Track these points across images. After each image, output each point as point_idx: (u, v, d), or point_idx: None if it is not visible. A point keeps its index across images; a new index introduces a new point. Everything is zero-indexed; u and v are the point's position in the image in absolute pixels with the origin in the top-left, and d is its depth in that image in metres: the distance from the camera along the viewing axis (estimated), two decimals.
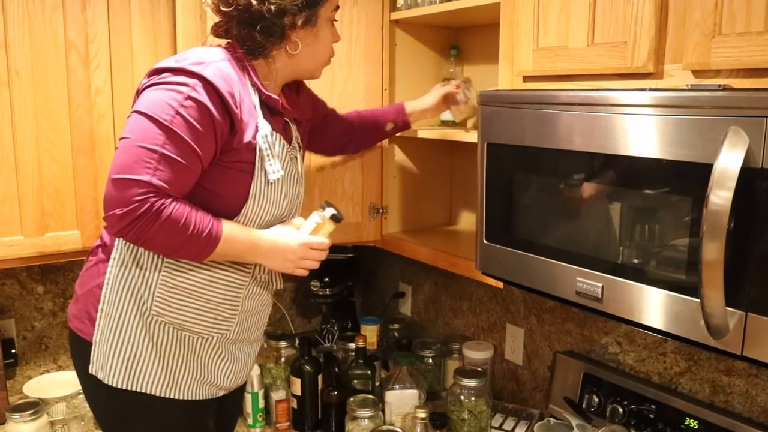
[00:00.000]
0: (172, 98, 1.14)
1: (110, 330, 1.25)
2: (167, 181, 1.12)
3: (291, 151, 1.37)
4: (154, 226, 1.12)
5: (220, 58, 1.22)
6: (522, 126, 1.29)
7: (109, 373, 1.25)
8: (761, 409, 1.37)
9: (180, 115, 1.13)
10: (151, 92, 1.16)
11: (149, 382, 1.26)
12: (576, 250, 1.22)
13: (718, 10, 1.02)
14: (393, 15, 1.86)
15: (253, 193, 1.26)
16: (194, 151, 1.15)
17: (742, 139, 0.93)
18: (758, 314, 0.95)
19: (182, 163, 1.14)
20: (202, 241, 1.18)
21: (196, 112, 1.14)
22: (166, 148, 1.12)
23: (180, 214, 1.14)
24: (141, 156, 1.11)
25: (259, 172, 1.26)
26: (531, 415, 1.79)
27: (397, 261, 2.35)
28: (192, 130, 1.14)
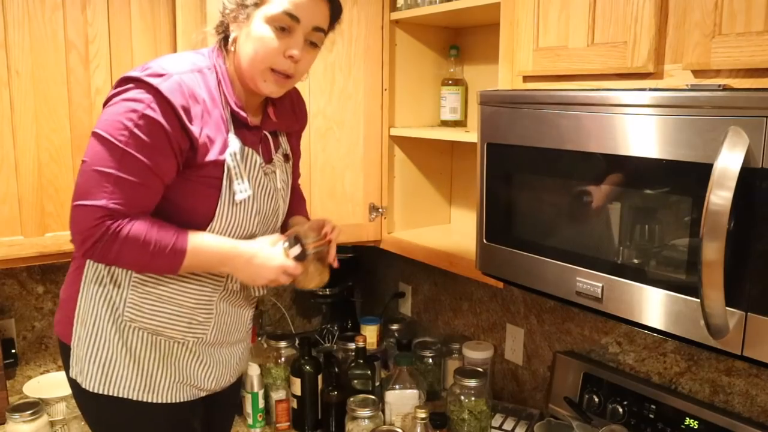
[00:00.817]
0: (126, 117, 1.12)
1: (86, 336, 1.25)
2: (123, 202, 1.13)
3: (268, 167, 1.33)
4: (115, 247, 1.14)
5: (188, 68, 1.19)
6: (522, 126, 1.29)
7: (87, 378, 1.25)
8: (761, 409, 1.37)
9: (133, 135, 1.12)
10: (109, 108, 1.15)
11: (125, 386, 1.25)
12: (576, 250, 1.22)
13: (718, 10, 1.02)
14: (393, 15, 1.86)
15: (219, 211, 1.24)
16: (150, 170, 1.14)
17: (742, 139, 0.93)
18: (758, 314, 0.95)
19: (138, 183, 1.14)
20: (166, 257, 1.17)
21: (150, 130, 1.13)
22: (121, 171, 1.12)
23: (138, 232, 1.14)
24: (96, 180, 1.12)
25: (226, 191, 1.23)
26: (531, 415, 1.79)
27: (397, 261, 2.35)
28: (146, 149, 1.13)
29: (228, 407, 1.55)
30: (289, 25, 1.20)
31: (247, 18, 1.21)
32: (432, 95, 2.02)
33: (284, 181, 1.40)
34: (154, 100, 1.13)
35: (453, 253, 1.74)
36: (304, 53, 1.24)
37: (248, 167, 1.27)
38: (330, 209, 1.90)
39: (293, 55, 1.21)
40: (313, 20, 1.23)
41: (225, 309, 1.34)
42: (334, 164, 1.89)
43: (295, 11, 1.20)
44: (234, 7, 1.23)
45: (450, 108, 1.96)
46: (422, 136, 1.87)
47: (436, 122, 2.03)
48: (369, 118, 1.89)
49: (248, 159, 1.27)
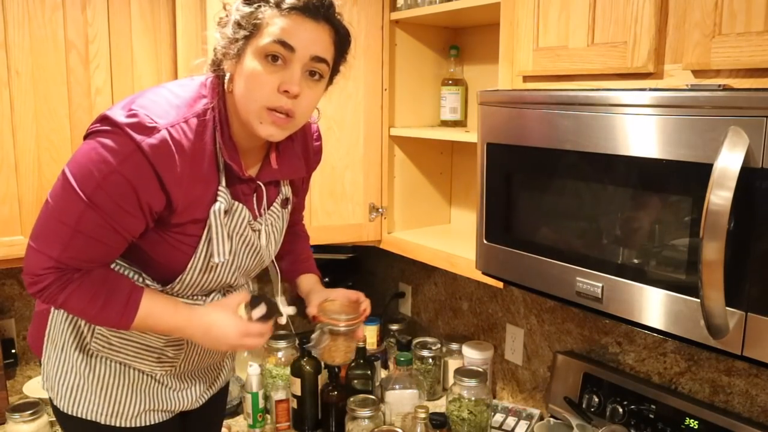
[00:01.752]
0: (96, 167, 1.00)
1: (55, 357, 1.23)
2: (77, 257, 1.05)
3: (256, 223, 1.22)
4: (60, 298, 1.07)
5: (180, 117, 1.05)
6: (522, 126, 1.28)
7: (57, 397, 1.23)
8: (761, 409, 1.37)
9: (101, 190, 1.01)
10: (85, 146, 1.03)
11: (94, 411, 1.22)
12: (576, 250, 1.22)
13: (718, 10, 1.02)
14: (393, 15, 1.86)
15: (192, 266, 1.15)
16: (111, 230, 1.04)
17: (742, 139, 0.93)
18: (758, 314, 0.95)
19: (95, 240, 1.04)
20: (114, 317, 1.09)
21: (118, 190, 1.01)
22: (80, 226, 1.02)
23: (87, 289, 1.07)
24: (54, 228, 1.04)
25: (202, 249, 1.14)
26: (531, 415, 1.79)
27: (397, 261, 2.35)
28: (110, 208, 1.02)
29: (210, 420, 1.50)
30: (283, 56, 1.05)
31: (238, 54, 1.07)
32: (432, 95, 2.02)
33: (278, 229, 1.29)
34: (131, 158, 1.00)
35: (453, 253, 1.74)
36: (304, 87, 1.08)
37: (234, 224, 1.17)
38: (330, 209, 1.90)
39: (289, 90, 1.05)
40: (311, 48, 1.06)
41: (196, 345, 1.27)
42: (334, 164, 1.89)
43: (288, 39, 1.04)
44: (225, 43, 1.09)
45: (450, 108, 1.96)
46: (422, 136, 1.87)
47: (436, 122, 2.03)
48: (369, 118, 1.89)
49: (235, 215, 1.17)
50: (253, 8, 1.06)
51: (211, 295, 1.24)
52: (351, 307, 1.30)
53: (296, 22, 1.05)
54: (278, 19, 1.04)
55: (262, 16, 1.05)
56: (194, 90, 1.11)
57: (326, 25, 1.08)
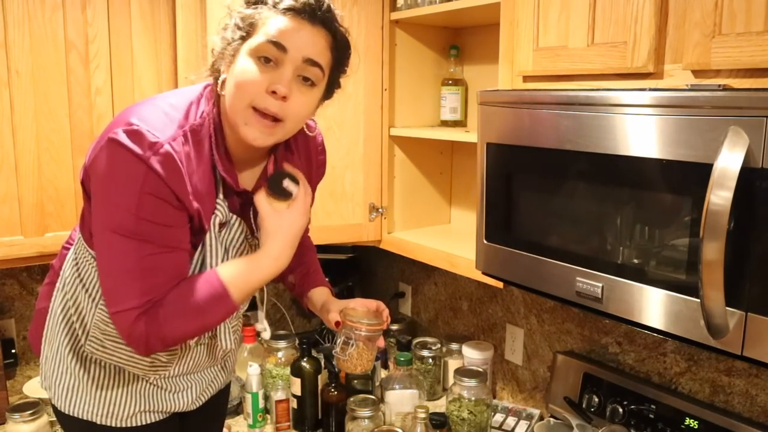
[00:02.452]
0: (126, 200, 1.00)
1: (51, 357, 1.24)
2: (153, 288, 1.04)
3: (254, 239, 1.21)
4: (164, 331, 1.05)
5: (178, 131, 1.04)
6: (522, 126, 1.28)
7: (54, 396, 1.24)
8: (761, 409, 1.37)
9: (142, 220, 1.00)
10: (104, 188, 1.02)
11: (89, 411, 1.22)
12: (576, 250, 1.22)
13: (718, 10, 1.02)
14: (393, 15, 1.86)
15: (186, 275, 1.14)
16: (170, 248, 1.04)
17: (742, 139, 0.93)
18: (758, 314, 0.95)
19: (164, 267, 1.04)
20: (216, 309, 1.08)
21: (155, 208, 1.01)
22: (143, 263, 1.02)
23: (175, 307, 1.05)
24: (121, 281, 1.03)
25: (197, 262, 1.13)
26: (531, 415, 1.79)
27: (397, 261, 2.35)
28: (159, 231, 1.02)
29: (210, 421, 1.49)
30: (274, 56, 1.03)
31: (233, 55, 1.05)
32: (432, 95, 2.02)
33: None
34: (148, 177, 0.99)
35: (453, 253, 1.74)
36: (294, 91, 1.05)
37: (231, 237, 1.16)
38: (330, 209, 1.90)
39: (276, 91, 1.02)
40: (304, 50, 1.04)
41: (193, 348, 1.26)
42: (334, 164, 1.89)
43: (280, 38, 1.02)
44: (222, 45, 1.07)
45: (450, 108, 1.96)
46: (422, 136, 1.87)
47: (436, 122, 2.03)
48: (369, 118, 1.89)
49: (232, 228, 1.16)
50: (251, 10, 1.05)
51: None
52: (373, 314, 1.28)
53: (291, 23, 1.03)
54: (273, 19, 1.03)
55: (258, 16, 1.04)
56: (190, 99, 1.09)
57: (322, 29, 1.06)
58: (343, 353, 1.25)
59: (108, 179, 1.01)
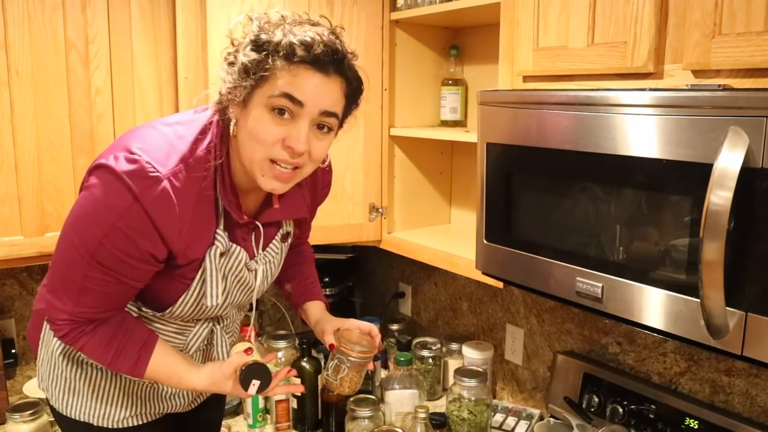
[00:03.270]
0: (98, 224, 1.00)
1: (48, 360, 1.24)
2: (90, 310, 1.07)
3: (252, 263, 1.20)
4: (77, 345, 1.10)
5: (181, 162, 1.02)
6: (522, 126, 1.28)
7: (52, 398, 1.25)
8: (761, 409, 1.37)
9: (103, 248, 1.00)
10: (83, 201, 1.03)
11: (85, 412, 1.23)
12: (576, 250, 1.22)
13: (718, 10, 1.02)
14: (393, 15, 1.86)
15: (183, 302, 1.15)
16: (120, 282, 1.05)
17: (742, 139, 0.93)
18: (758, 314, 0.95)
19: (107, 293, 1.06)
20: (125, 368, 1.12)
21: (122, 244, 1.01)
22: (88, 282, 1.04)
23: (99, 341, 1.09)
24: (64, 284, 1.06)
25: (195, 289, 1.13)
26: (531, 415, 1.79)
27: (397, 261, 2.35)
28: (116, 263, 1.02)
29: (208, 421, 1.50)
30: (290, 110, 1.01)
31: (244, 101, 1.02)
32: (432, 95, 2.02)
33: (275, 264, 1.27)
34: (129, 212, 0.99)
35: (453, 253, 1.74)
36: (312, 140, 1.04)
37: (230, 266, 1.16)
38: (330, 209, 1.90)
39: (293, 147, 1.02)
40: (321, 104, 1.02)
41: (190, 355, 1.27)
42: (334, 164, 1.87)
43: (296, 93, 1.00)
44: (231, 87, 1.03)
45: (450, 108, 1.96)
46: (422, 136, 1.87)
47: (436, 122, 2.03)
48: (369, 118, 1.89)
49: (232, 257, 1.15)
50: (261, 56, 1.00)
51: (201, 321, 1.24)
52: (365, 338, 1.30)
53: (306, 76, 1.00)
54: (287, 71, 1.00)
55: (270, 66, 1.00)
56: (197, 129, 1.07)
57: (338, 77, 1.04)
58: (335, 376, 1.27)
59: (92, 198, 1.02)
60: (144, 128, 1.07)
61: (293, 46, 0.99)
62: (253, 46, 1.02)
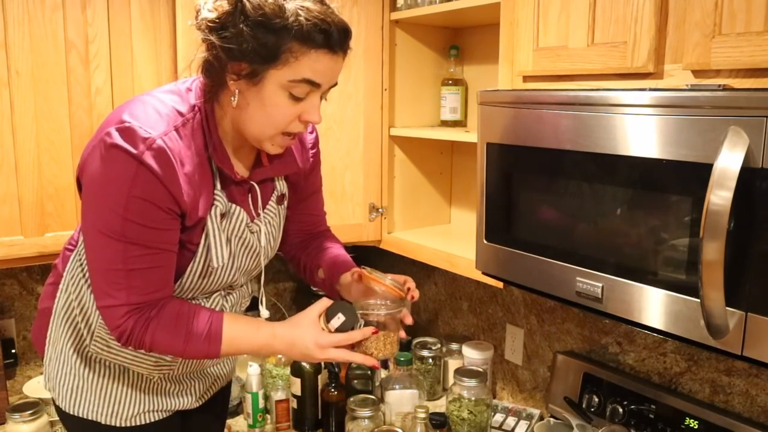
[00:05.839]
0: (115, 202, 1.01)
1: (56, 358, 1.24)
2: (144, 291, 1.07)
3: (254, 224, 1.22)
4: (147, 339, 1.09)
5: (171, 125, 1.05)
6: (522, 126, 1.28)
7: (59, 397, 1.25)
8: (761, 409, 1.37)
9: (129, 222, 1.02)
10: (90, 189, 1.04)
11: (94, 411, 1.23)
12: (576, 250, 1.22)
13: (718, 10, 1.02)
14: (393, 15, 1.86)
15: (191, 271, 1.15)
16: (159, 251, 1.06)
17: (742, 139, 0.93)
18: (758, 314, 0.95)
19: (152, 268, 1.06)
20: (201, 346, 1.11)
21: (144, 211, 1.02)
22: (130, 264, 1.04)
23: (166, 326, 1.09)
24: (109, 279, 1.06)
25: (201, 254, 1.14)
26: (531, 415, 1.79)
27: (397, 261, 2.35)
28: (147, 233, 1.04)
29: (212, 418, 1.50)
30: (308, 92, 1.07)
31: (255, 77, 1.04)
32: (432, 95, 2.02)
33: (275, 227, 1.29)
34: (138, 176, 1.00)
35: (453, 253, 1.74)
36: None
37: (232, 227, 1.17)
38: (330, 209, 1.89)
39: (310, 121, 1.10)
40: (332, 80, 1.10)
41: None
42: (334, 164, 1.89)
43: (316, 77, 1.05)
44: (239, 60, 1.03)
45: (450, 108, 1.96)
46: (422, 136, 1.87)
47: (436, 122, 2.03)
48: (369, 118, 1.89)
49: (233, 218, 1.17)
50: (275, 36, 1.01)
51: (212, 296, 1.24)
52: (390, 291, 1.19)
53: (323, 60, 1.05)
54: (306, 56, 1.02)
55: (286, 48, 1.01)
56: (180, 94, 1.11)
57: (342, 54, 1.09)
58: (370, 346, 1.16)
59: (98, 179, 1.03)
60: (129, 102, 1.09)
61: (311, 32, 1.01)
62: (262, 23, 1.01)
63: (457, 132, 1.81)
